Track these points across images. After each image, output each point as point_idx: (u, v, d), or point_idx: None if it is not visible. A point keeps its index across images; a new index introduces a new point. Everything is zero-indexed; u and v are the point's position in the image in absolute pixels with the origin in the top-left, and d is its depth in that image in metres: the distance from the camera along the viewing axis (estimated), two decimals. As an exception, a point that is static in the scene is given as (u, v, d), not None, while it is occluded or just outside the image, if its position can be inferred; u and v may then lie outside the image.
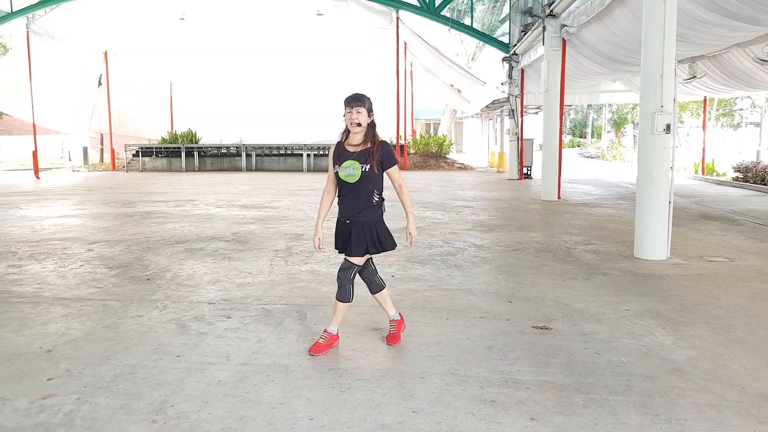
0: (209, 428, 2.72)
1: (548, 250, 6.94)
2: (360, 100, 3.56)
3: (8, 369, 3.40)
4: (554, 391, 3.12)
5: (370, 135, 3.61)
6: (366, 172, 3.53)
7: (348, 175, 3.56)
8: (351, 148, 3.62)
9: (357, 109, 3.54)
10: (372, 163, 3.54)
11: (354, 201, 3.60)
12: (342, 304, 3.72)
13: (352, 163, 3.55)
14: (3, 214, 10.66)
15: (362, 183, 3.56)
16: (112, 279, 5.59)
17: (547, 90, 12.48)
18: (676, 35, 6.45)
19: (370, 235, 3.62)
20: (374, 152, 3.56)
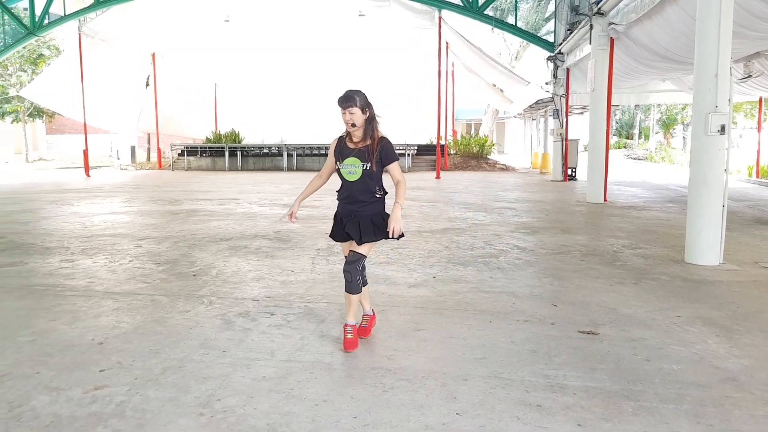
0: (255, 423, 2.75)
1: (594, 253, 6.79)
2: (351, 100, 3.51)
3: (62, 360, 3.52)
4: (602, 397, 3.05)
5: (369, 131, 3.59)
6: (367, 170, 3.55)
7: (349, 172, 3.58)
8: (352, 145, 3.62)
9: (350, 110, 3.51)
10: (372, 161, 3.55)
11: (357, 197, 3.62)
12: (355, 296, 3.75)
13: (354, 161, 3.56)
14: (56, 210, 11.07)
15: (364, 180, 3.58)
16: (159, 274, 5.73)
17: (594, 90, 12.22)
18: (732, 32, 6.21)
19: (378, 223, 3.66)
20: (374, 150, 3.56)
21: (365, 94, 3.59)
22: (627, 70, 13.99)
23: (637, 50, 12.13)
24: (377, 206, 3.67)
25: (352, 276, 3.69)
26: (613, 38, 11.92)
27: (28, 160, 34.30)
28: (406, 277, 5.60)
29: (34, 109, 33.46)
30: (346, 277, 3.70)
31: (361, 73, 26.17)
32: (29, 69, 32.55)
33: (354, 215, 3.64)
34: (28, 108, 33.19)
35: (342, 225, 3.71)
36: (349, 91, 3.56)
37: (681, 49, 10.36)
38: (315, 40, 23.44)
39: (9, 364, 3.46)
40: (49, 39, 31.80)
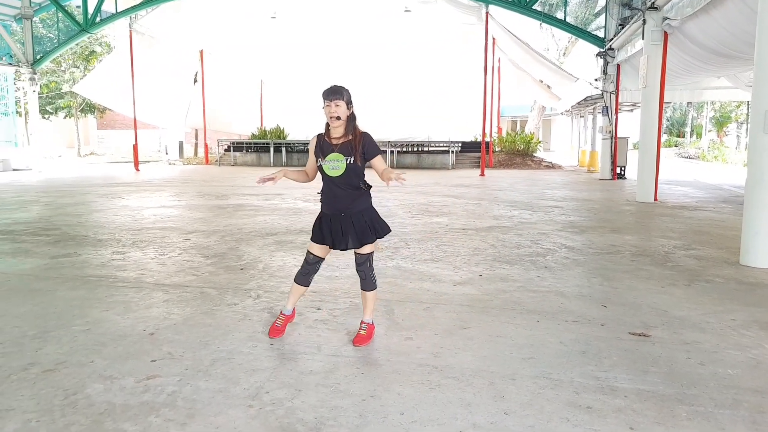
0: (303, 416, 2.77)
1: (645, 254, 6.60)
2: (338, 93, 3.49)
3: (116, 349, 3.62)
4: (654, 400, 2.96)
5: (350, 127, 3.59)
6: (351, 165, 3.53)
7: (333, 168, 3.54)
8: (334, 141, 3.60)
9: (335, 103, 3.48)
10: (356, 156, 3.54)
11: (343, 192, 3.59)
12: (371, 293, 3.77)
13: (337, 156, 3.54)
14: (107, 203, 11.43)
15: (348, 175, 3.55)
16: (208, 267, 5.84)
17: (646, 86, 11.87)
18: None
19: (370, 221, 3.64)
20: (357, 144, 3.55)
21: (350, 92, 3.59)
22: (681, 66, 13.54)
23: (691, 46, 11.73)
24: (364, 201, 3.67)
25: (365, 274, 3.73)
26: (667, 33, 11.55)
27: (80, 155, 35.57)
28: (451, 274, 5.56)
29: (86, 105, 34.68)
30: (360, 275, 3.75)
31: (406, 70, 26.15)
32: (82, 65, 33.70)
33: (344, 213, 3.60)
34: (80, 103, 34.42)
35: (329, 228, 3.63)
36: (335, 85, 3.56)
37: (739, 45, 9.97)
38: (360, 37, 23.52)
39: (65, 352, 3.57)
40: (101, 36, 32.84)
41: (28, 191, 14.09)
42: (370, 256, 3.74)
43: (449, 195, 12.93)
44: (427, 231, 7.99)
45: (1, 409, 2.83)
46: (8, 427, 2.67)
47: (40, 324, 4.09)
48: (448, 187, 15.11)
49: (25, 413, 2.79)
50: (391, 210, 10.23)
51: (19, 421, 2.71)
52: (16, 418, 2.74)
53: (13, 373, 3.25)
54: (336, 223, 3.62)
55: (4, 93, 26.03)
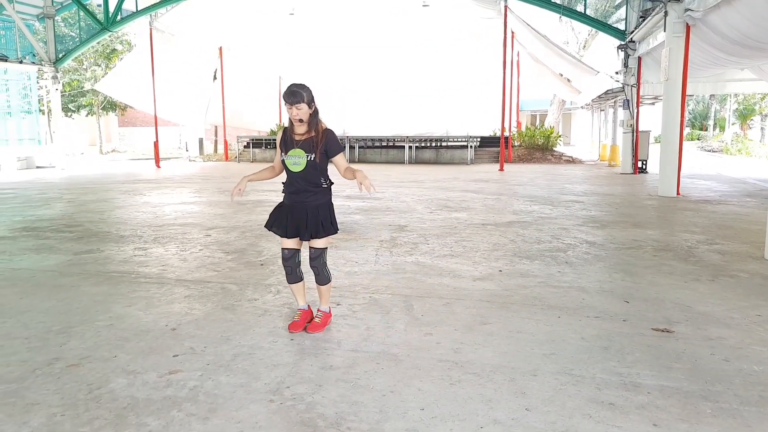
0: (323, 411, 2.78)
1: (668, 248, 6.51)
2: (298, 96, 3.54)
3: (138, 344, 3.67)
4: (678, 397, 2.92)
5: (313, 124, 3.65)
6: (311, 161, 3.62)
7: (294, 163, 3.64)
8: (297, 137, 3.68)
9: (296, 106, 3.56)
10: (317, 152, 3.61)
11: (302, 187, 3.68)
12: (325, 286, 3.85)
13: (298, 152, 3.62)
14: (129, 200, 11.57)
15: (308, 171, 3.64)
16: (228, 263, 5.89)
17: (668, 79, 11.69)
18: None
19: (325, 216, 3.72)
20: (318, 141, 3.62)
21: (310, 89, 3.65)
22: (703, 58, 13.29)
23: (714, 38, 11.49)
24: (323, 196, 3.74)
25: (319, 270, 3.78)
26: (689, 25, 11.33)
27: (102, 152, 36.06)
28: (470, 270, 5.53)
29: (108, 103, 35.12)
30: (314, 271, 3.80)
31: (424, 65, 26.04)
32: (103, 63, 34.10)
33: (301, 206, 3.69)
34: (102, 101, 34.86)
35: (287, 217, 3.74)
36: (294, 86, 3.60)
37: (763, 36, 9.75)
38: (378, 31, 23.48)
39: (88, 347, 3.63)
40: (122, 34, 33.20)
41: (52, 188, 14.32)
42: (324, 252, 3.79)
43: (468, 190, 12.87)
44: (446, 226, 7.96)
45: (27, 403, 2.88)
46: (34, 421, 2.71)
47: (64, 319, 4.16)
48: (467, 182, 15.04)
49: (51, 407, 2.84)
50: (410, 205, 10.22)
51: (45, 415, 2.76)
52: (42, 412, 2.79)
53: (38, 368, 3.31)
54: (293, 213, 3.72)
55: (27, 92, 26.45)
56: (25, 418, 2.73)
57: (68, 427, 2.66)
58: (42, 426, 2.66)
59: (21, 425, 2.67)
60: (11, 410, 2.81)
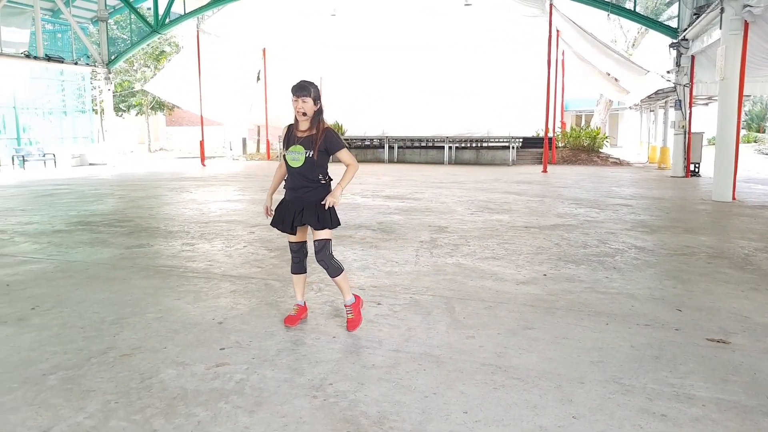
0: (366, 410, 2.77)
1: (723, 256, 6.27)
2: (306, 90, 3.67)
3: (187, 337, 3.74)
4: (736, 411, 2.80)
5: (315, 121, 3.75)
6: (309, 158, 3.71)
7: (293, 159, 3.74)
8: (299, 133, 3.76)
9: (303, 99, 3.67)
10: (315, 150, 3.69)
11: (300, 183, 3.76)
12: (339, 277, 3.85)
13: (298, 148, 3.70)
14: (176, 197, 11.84)
15: (306, 167, 3.73)
16: (272, 260, 5.96)
17: (724, 78, 11.27)
18: None
19: (323, 210, 3.77)
20: (317, 139, 3.71)
21: (318, 88, 3.76)
22: (762, 56, 12.77)
23: (775, 34, 11.05)
24: (321, 192, 3.80)
25: (327, 262, 3.81)
26: (747, 22, 10.90)
27: (150, 150, 37.07)
28: (513, 273, 5.45)
29: (156, 103, 36.05)
30: (321, 265, 3.84)
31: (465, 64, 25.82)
32: (152, 65, 35.03)
33: (300, 201, 3.76)
34: (150, 101, 35.81)
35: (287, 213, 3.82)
36: (304, 81, 3.73)
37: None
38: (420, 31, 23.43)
39: (140, 338, 3.73)
40: (170, 36, 34.01)
41: (104, 185, 14.80)
42: (327, 244, 3.82)
43: (510, 192, 12.70)
44: (487, 228, 7.87)
45: (84, 389, 2.99)
46: (90, 406, 2.81)
47: (117, 310, 4.28)
48: (509, 183, 14.84)
49: (105, 394, 2.93)
50: (450, 206, 10.14)
51: (100, 402, 2.85)
52: (97, 399, 2.88)
53: (93, 356, 3.42)
54: (293, 207, 3.80)
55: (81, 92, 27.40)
56: (82, 404, 2.83)
57: (122, 414, 2.74)
58: (97, 412, 2.75)
59: (78, 410, 2.77)
60: (69, 396, 2.92)
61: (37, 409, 2.79)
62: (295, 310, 4.02)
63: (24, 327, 3.95)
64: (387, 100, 28.68)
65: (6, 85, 23.49)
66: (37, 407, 2.80)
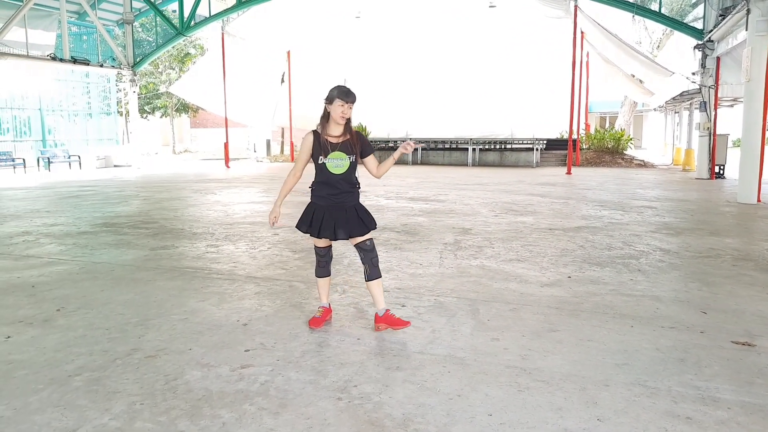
0: (391, 412, 2.80)
1: (748, 258, 6.17)
2: (354, 97, 3.73)
3: (212, 338, 3.80)
4: (762, 414, 2.78)
5: (349, 126, 3.80)
6: (353, 163, 3.78)
7: (336, 166, 3.74)
8: (333, 140, 3.74)
9: (350, 105, 3.71)
10: (356, 154, 3.78)
11: (342, 189, 3.78)
12: (378, 280, 3.88)
13: (339, 155, 3.71)
14: (201, 198, 12.00)
15: (349, 172, 3.77)
16: (296, 262, 6.01)
17: (750, 80, 11.10)
18: None
19: (363, 212, 3.85)
20: (355, 143, 3.77)
21: None
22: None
23: (804, 34, 10.83)
24: (357, 196, 3.90)
25: (375, 261, 3.88)
26: (774, 22, 10.73)
27: (175, 152, 37.54)
28: (538, 275, 5.43)
29: (181, 105, 36.49)
30: (374, 262, 3.87)
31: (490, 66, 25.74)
32: (177, 67, 35.49)
33: (340, 206, 3.78)
34: (175, 103, 36.27)
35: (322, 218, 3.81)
36: (347, 87, 3.77)
37: None
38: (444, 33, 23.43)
39: (165, 339, 3.79)
40: (195, 39, 34.42)
41: (129, 186, 15.05)
42: (373, 243, 3.90)
43: (534, 194, 12.63)
44: (511, 230, 7.85)
45: (109, 391, 3.04)
46: (116, 408, 2.86)
47: (142, 312, 4.36)
48: (533, 185, 14.76)
49: (130, 396, 2.98)
50: (474, 208, 10.12)
51: (125, 403, 2.90)
52: (123, 401, 2.93)
53: (118, 358, 3.48)
54: (329, 214, 3.80)
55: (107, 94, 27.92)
56: (107, 405, 2.88)
57: (147, 415, 2.78)
58: (123, 413, 2.80)
59: (104, 412, 2.82)
60: (95, 397, 2.97)
61: (63, 410, 2.83)
62: (320, 312, 4.05)
63: (49, 328, 4.01)
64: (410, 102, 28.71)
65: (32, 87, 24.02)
66: (62, 408, 2.85)
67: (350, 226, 3.80)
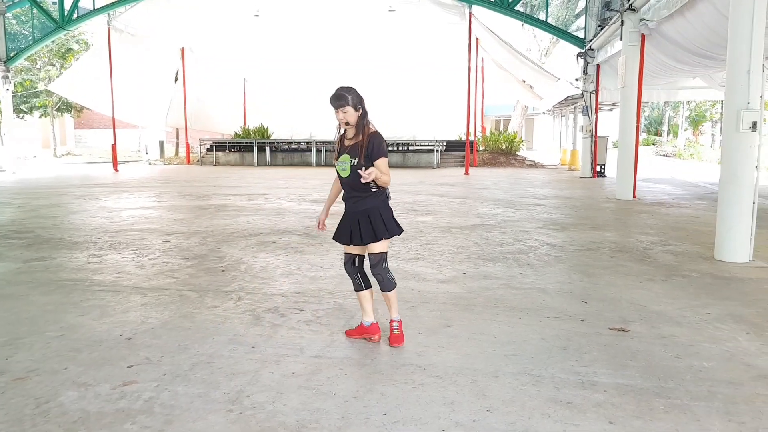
0: (284, 420, 2.73)
1: (624, 250, 6.66)
2: (343, 99, 3.49)
3: (91, 355, 3.54)
4: (633, 394, 2.99)
5: (361, 127, 3.58)
6: (355, 166, 3.54)
7: (342, 169, 3.61)
8: (347, 142, 3.65)
9: (342, 110, 3.51)
10: (360, 157, 3.54)
11: (352, 192, 3.64)
12: (392, 292, 3.73)
13: (345, 158, 3.60)
14: (84, 204, 11.23)
15: (354, 176, 3.55)
16: (188, 270, 5.76)
17: (624, 86, 12.01)
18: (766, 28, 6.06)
19: (377, 220, 3.61)
20: (363, 146, 3.55)
21: (356, 91, 3.58)
22: (658, 66, 13.70)
23: (668, 47, 11.87)
24: (373, 200, 3.64)
25: (383, 276, 3.68)
26: (644, 34, 11.67)
27: (56, 155, 34.86)
28: (435, 273, 5.55)
29: (63, 104, 34.02)
30: (377, 278, 3.69)
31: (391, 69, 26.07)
32: (58, 63, 33.08)
33: (353, 211, 3.65)
34: (56, 102, 33.77)
35: (346, 224, 3.68)
36: (340, 89, 3.54)
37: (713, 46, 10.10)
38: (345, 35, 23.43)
39: (37, 359, 3.47)
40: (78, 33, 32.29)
41: (1, 193, 13.81)
42: (383, 257, 3.69)
43: (434, 194, 12.94)
44: (412, 230, 7.97)
45: (-30, 419, 2.75)
46: (-24, 439, 2.59)
47: (11, 330, 3.98)
48: (433, 185, 15.13)
49: (-5, 423, 2.71)
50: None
51: (-11, 432, 2.63)
52: (-14, 429, 2.66)
53: (-18, 382, 3.15)
54: (347, 217, 3.68)
55: (-25, 91, 25.48)
56: (-32, 436, 2.61)
57: (15, 442, 2.54)
58: (-14, 443, 2.54)
59: (-38, 444, 2.55)
60: (-48, 428, 2.68)
61: None
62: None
63: None
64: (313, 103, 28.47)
65: None
66: None
67: (363, 235, 3.60)
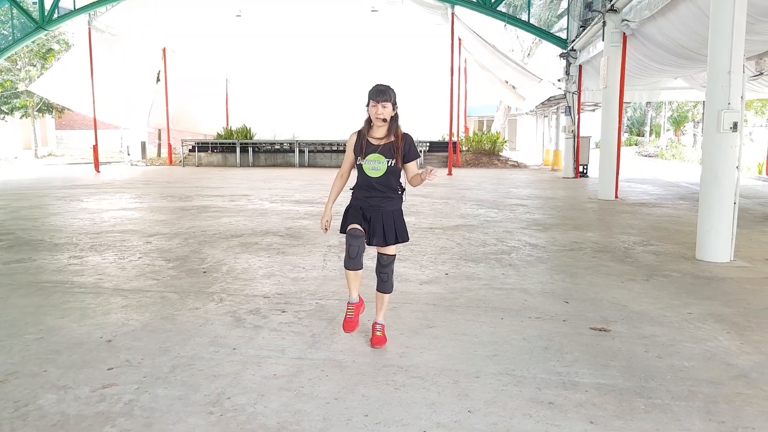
0: (265, 422, 2.72)
1: (606, 250, 6.72)
2: (386, 94, 3.47)
3: (70, 358, 3.50)
4: (614, 394, 3.01)
5: (393, 128, 3.55)
6: (392, 167, 3.52)
7: (373, 168, 3.53)
8: (375, 141, 3.57)
9: (383, 104, 3.47)
10: (397, 158, 3.52)
11: (379, 193, 3.57)
12: (388, 295, 3.75)
13: (378, 157, 3.52)
14: (65, 206, 11.10)
15: (387, 176, 3.53)
16: (169, 271, 5.72)
17: (606, 87, 12.12)
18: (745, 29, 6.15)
19: (400, 223, 3.63)
20: (398, 146, 3.52)
21: (395, 91, 3.56)
22: (640, 67, 13.83)
23: (650, 47, 11.99)
24: (397, 202, 3.65)
25: (389, 276, 3.70)
26: (626, 35, 11.78)
27: (37, 156, 34.37)
28: (417, 273, 5.56)
29: (44, 105, 33.57)
30: (382, 278, 3.69)
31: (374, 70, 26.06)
32: (38, 64, 32.63)
33: (377, 210, 3.59)
34: (37, 103, 33.31)
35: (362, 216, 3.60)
36: (382, 85, 3.52)
37: (694, 47, 10.23)
38: (327, 37, 23.39)
39: (16, 362, 3.43)
40: (59, 33, 31.88)
41: (-18, 195, 13.61)
42: (394, 259, 3.71)
43: (417, 194, 12.93)
44: (393, 231, 7.97)
45: (-53, 424, 2.71)
46: (-47, 443, 2.55)
47: (-10, 333, 3.93)
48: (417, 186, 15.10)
49: (-28, 428, 2.67)
50: (358, 210, 10.18)
51: (-34, 437, 2.60)
52: (-37, 434, 2.62)
53: (-41, 386, 3.11)
54: (369, 215, 3.60)
55: (-46, 93, 25.08)
56: (-56, 441, 2.57)
57: (-9, 447, 2.51)
58: (-38, 448, 2.51)
59: (-61, 448, 2.51)
60: (-71, 433, 2.63)
61: None
62: (352, 311, 3.69)
63: None
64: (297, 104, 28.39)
65: None
66: None
67: (388, 235, 3.56)
